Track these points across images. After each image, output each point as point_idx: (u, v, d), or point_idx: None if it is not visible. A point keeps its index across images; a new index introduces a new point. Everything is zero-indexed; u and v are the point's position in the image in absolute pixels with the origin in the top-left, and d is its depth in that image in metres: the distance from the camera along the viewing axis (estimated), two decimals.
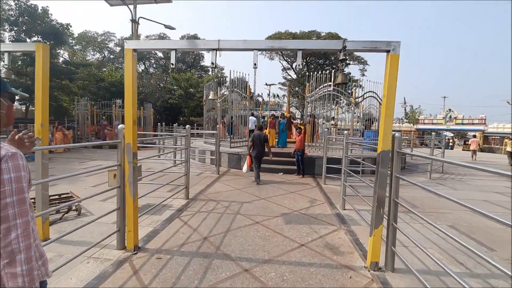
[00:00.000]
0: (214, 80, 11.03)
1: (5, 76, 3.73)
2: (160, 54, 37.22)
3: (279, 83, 35.73)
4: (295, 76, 32.68)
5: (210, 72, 38.45)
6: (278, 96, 32.97)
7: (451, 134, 34.26)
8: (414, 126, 36.62)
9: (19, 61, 18.81)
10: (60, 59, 25.17)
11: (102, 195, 4.88)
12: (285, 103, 24.87)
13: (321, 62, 31.08)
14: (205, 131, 11.69)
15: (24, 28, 17.22)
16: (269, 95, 32.32)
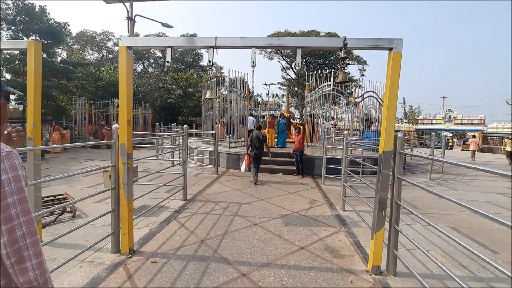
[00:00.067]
0: (210, 78, 10.95)
1: None
2: (159, 54, 37.11)
3: (278, 83, 35.70)
4: (294, 76, 32.63)
5: (209, 72, 38.38)
6: (277, 96, 32.85)
7: (450, 134, 34.26)
8: (414, 126, 36.60)
9: (17, 60, 18.68)
10: (58, 58, 25.06)
11: (99, 196, 4.82)
12: (284, 103, 24.81)
13: (320, 62, 31.03)
14: (203, 131, 11.60)
15: (21, 27, 17.08)
16: (268, 94, 32.24)
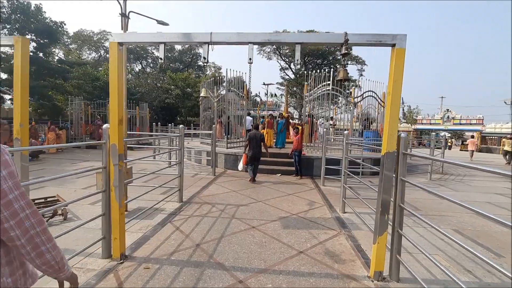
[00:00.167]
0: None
1: None
2: (157, 53, 36.89)
3: (277, 83, 35.57)
4: (293, 76, 32.53)
5: (204, 69, 38.19)
6: (276, 96, 32.72)
7: (448, 134, 34.28)
8: (412, 126, 36.61)
9: (12, 59, 18.45)
10: (54, 58, 24.82)
11: (92, 198, 4.67)
12: (283, 103, 24.69)
13: (319, 62, 30.95)
14: (201, 131, 11.47)
15: (17, 26, 16.85)
16: (266, 94, 32.09)
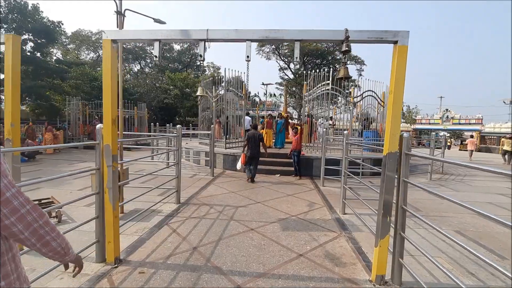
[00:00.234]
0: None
1: None
2: (156, 53, 36.74)
3: (276, 83, 35.49)
4: (292, 76, 32.46)
5: (207, 72, 38.12)
6: (275, 96, 32.65)
7: (447, 134, 34.31)
8: (411, 126, 36.62)
9: None
10: (52, 58, 24.69)
11: (88, 200, 4.57)
12: (282, 103, 24.63)
13: (318, 62, 30.88)
14: (199, 131, 11.39)
15: (14, 25, 16.73)
16: (265, 94, 32.01)
